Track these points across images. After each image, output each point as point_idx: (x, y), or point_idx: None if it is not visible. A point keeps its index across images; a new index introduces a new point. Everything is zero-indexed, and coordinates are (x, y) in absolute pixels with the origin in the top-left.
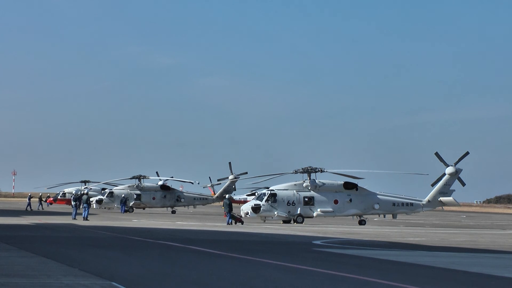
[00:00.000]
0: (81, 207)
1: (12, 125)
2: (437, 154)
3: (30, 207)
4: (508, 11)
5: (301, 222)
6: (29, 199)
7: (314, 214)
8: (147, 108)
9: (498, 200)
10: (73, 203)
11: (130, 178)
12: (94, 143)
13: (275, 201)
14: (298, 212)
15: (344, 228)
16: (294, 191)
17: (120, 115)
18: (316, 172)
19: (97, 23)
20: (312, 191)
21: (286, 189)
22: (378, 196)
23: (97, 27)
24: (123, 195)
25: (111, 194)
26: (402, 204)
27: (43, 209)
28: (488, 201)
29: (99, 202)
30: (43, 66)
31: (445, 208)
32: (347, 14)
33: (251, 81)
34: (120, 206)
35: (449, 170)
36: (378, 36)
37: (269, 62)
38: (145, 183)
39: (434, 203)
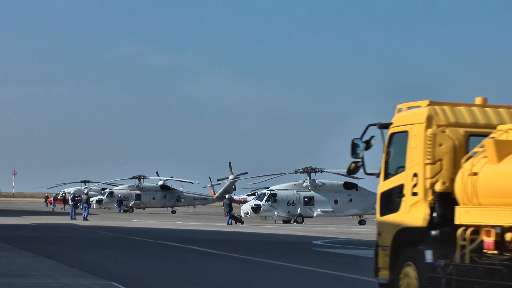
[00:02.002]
0: (79, 207)
1: (12, 125)
2: None
3: (53, 208)
4: (508, 10)
5: (301, 222)
6: (54, 200)
7: (314, 214)
8: (147, 108)
9: None
10: (71, 203)
11: (130, 178)
12: (94, 143)
13: (275, 201)
14: (298, 212)
15: (344, 228)
16: (294, 191)
17: (120, 115)
18: (316, 172)
19: (96, 23)
20: (312, 191)
21: (286, 189)
22: None
23: (96, 27)
24: (119, 195)
25: (111, 194)
26: None
27: (64, 210)
28: None
29: (99, 202)
30: (42, 66)
31: None
32: (348, 14)
33: (251, 81)
34: (117, 206)
35: None
36: (378, 36)
37: (269, 62)
38: (145, 183)
39: None
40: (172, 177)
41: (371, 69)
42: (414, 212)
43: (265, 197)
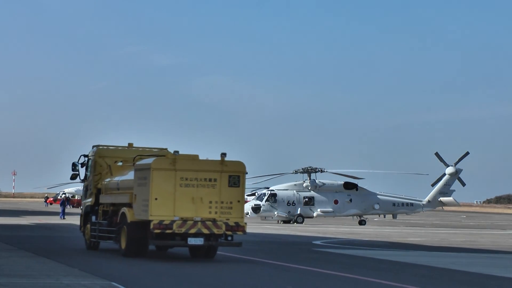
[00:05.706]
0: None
1: (12, 125)
2: (437, 154)
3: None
4: (508, 10)
5: (301, 222)
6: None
7: (314, 214)
8: (147, 108)
9: (498, 200)
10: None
11: None
12: (94, 143)
13: (275, 201)
14: (298, 212)
15: (344, 228)
16: (294, 191)
17: (120, 115)
18: (316, 172)
19: (96, 23)
20: (312, 191)
21: (286, 189)
22: (378, 196)
23: (96, 27)
24: None
25: None
26: (402, 204)
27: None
28: (488, 201)
29: None
30: (43, 66)
31: (445, 208)
32: (347, 14)
33: (251, 81)
34: None
35: (449, 170)
36: (378, 36)
37: (269, 62)
38: None
39: (434, 203)
40: None
41: (371, 69)
42: (90, 198)
43: (265, 197)
